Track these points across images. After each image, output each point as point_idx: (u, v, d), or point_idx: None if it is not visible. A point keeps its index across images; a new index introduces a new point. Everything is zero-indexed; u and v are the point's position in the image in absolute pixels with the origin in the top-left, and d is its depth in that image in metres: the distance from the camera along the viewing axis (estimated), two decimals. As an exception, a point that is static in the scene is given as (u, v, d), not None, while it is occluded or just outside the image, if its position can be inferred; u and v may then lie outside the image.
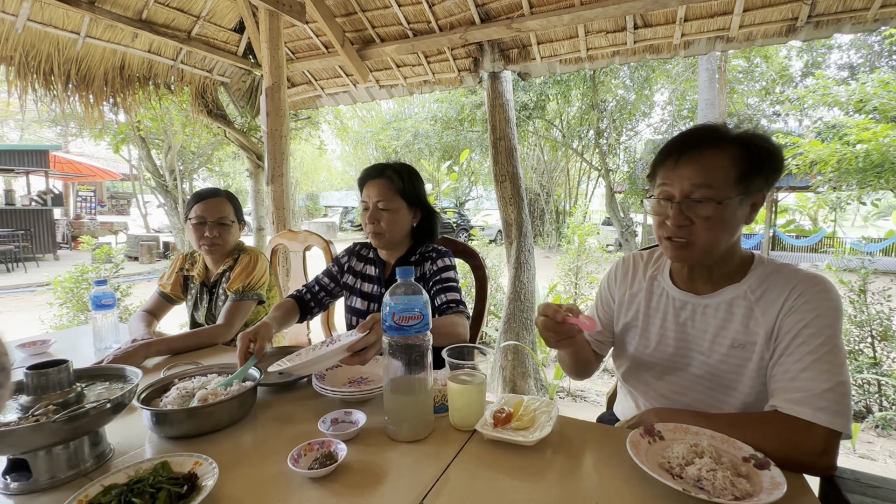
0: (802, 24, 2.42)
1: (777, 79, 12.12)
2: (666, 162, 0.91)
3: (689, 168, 0.87)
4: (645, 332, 1.04)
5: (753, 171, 0.85)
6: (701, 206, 0.86)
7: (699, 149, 0.87)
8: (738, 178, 0.85)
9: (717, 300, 0.94)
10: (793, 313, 0.84)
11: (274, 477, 0.76)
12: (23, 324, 5.18)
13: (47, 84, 2.77)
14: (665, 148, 0.93)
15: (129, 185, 17.36)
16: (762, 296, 0.89)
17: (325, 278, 1.57)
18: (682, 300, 0.99)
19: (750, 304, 0.90)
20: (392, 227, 1.38)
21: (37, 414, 0.75)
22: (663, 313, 1.02)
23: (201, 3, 3.07)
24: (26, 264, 9.21)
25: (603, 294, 1.17)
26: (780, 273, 0.90)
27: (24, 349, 1.41)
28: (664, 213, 0.91)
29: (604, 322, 1.16)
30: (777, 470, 0.68)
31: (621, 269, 1.14)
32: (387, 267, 1.49)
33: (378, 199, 1.36)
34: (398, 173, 1.39)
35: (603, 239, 12.59)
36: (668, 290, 1.02)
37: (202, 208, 1.65)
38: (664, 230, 0.92)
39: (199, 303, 1.77)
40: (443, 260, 1.41)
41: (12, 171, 11.43)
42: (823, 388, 0.76)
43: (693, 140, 0.89)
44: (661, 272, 1.06)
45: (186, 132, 7.67)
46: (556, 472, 0.77)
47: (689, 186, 0.87)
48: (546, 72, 3.20)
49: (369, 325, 0.98)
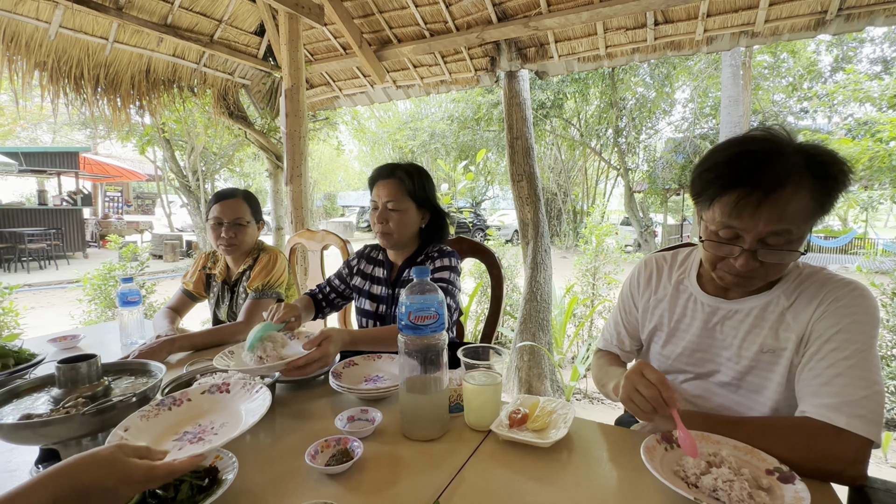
0: (832, 16, 2.34)
1: (805, 74, 11.74)
2: (735, 198, 0.78)
3: (768, 212, 0.76)
4: (671, 337, 1.02)
5: (831, 202, 0.78)
6: (778, 253, 0.79)
7: (778, 189, 0.75)
8: (816, 210, 0.78)
9: (748, 305, 0.91)
10: (826, 318, 0.81)
11: (292, 472, 0.77)
12: (54, 319, 5.39)
13: (78, 88, 2.88)
14: (727, 173, 0.79)
15: (154, 186, 17.87)
16: (795, 301, 0.86)
17: (335, 281, 1.59)
18: (712, 305, 0.95)
19: (783, 310, 0.87)
20: (401, 228, 1.38)
21: (67, 406, 0.78)
22: (691, 318, 0.99)
23: (223, 8, 3.14)
24: (57, 262, 9.58)
25: (626, 301, 1.13)
26: (815, 277, 0.87)
27: (55, 343, 1.47)
28: (726, 253, 0.83)
29: (629, 331, 1.13)
30: (802, 484, 0.66)
31: (644, 274, 1.10)
32: (394, 268, 1.49)
33: (388, 200, 1.36)
34: (409, 174, 1.38)
35: (621, 239, 12.42)
36: (696, 295, 0.99)
37: (219, 209, 1.68)
38: (724, 266, 0.85)
39: (221, 300, 1.82)
40: (442, 260, 1.38)
41: (45, 173, 11.91)
42: (860, 396, 0.74)
43: (768, 172, 0.76)
44: (688, 276, 1.02)
45: (209, 133, 7.86)
46: (571, 474, 0.76)
47: (766, 232, 0.78)
48: (564, 70, 3.17)
49: (317, 341, 1.04)
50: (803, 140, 0.81)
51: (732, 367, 0.92)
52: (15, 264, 8.79)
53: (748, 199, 0.76)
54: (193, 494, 0.67)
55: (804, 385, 0.81)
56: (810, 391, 0.79)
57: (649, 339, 1.08)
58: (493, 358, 0.95)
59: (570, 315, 4.11)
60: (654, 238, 12.84)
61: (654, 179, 12.45)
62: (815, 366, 0.80)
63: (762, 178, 0.76)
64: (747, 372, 0.90)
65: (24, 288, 7.10)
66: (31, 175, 11.83)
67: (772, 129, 0.81)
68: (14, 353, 1.16)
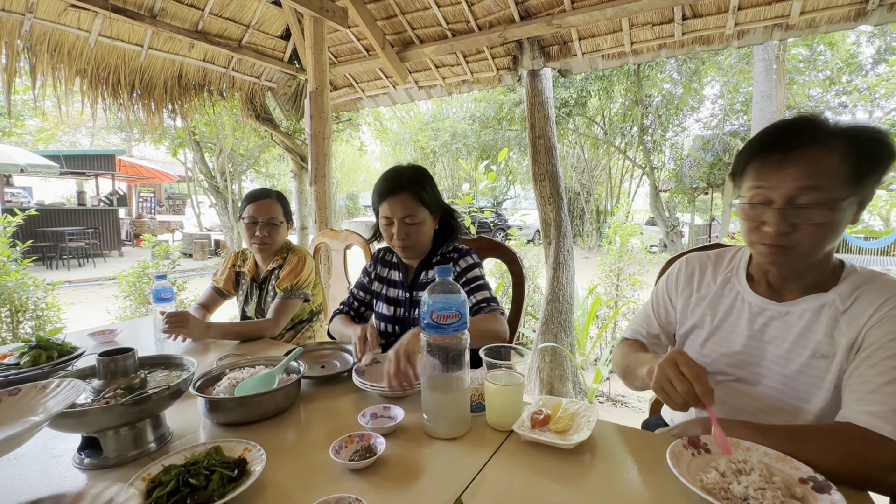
0: (874, 6, 2.23)
1: (844, 67, 11.20)
2: (762, 160, 0.81)
3: (795, 168, 0.77)
4: (712, 337, 0.98)
5: (867, 168, 0.77)
6: (810, 212, 0.77)
7: (805, 146, 0.77)
8: (851, 176, 0.76)
9: (800, 308, 0.87)
10: (882, 325, 0.78)
11: (316, 466, 0.79)
12: (92, 314, 5.65)
13: (115, 93, 3.01)
14: (757, 143, 0.83)
15: (185, 187, 18.49)
16: (851, 305, 0.82)
17: (360, 293, 1.57)
18: (760, 306, 0.92)
19: (836, 314, 0.83)
20: (420, 238, 1.37)
21: (107, 397, 0.82)
22: (736, 318, 0.95)
23: (251, 13, 3.23)
24: (95, 260, 10.05)
25: (661, 296, 1.11)
26: (874, 282, 0.83)
27: (94, 337, 1.55)
28: (759, 219, 0.82)
29: (661, 323, 1.10)
30: (839, 495, 0.62)
31: (685, 272, 1.07)
32: (409, 270, 1.48)
33: (405, 215, 1.33)
34: (418, 184, 1.35)
35: (646, 240, 12.13)
36: (743, 295, 0.96)
37: (254, 209, 1.74)
38: (759, 236, 0.84)
39: (249, 297, 1.88)
40: (465, 259, 1.38)
41: (84, 175, 12.49)
42: None
43: (796, 134, 0.79)
44: (737, 274, 0.99)
45: (236, 136, 8.09)
46: (594, 477, 0.75)
47: (795, 189, 0.77)
48: (587, 68, 3.12)
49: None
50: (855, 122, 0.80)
51: (778, 372, 0.88)
52: (56, 262, 9.26)
53: (771, 157, 0.80)
54: (224, 484, 0.69)
55: (850, 391, 0.78)
56: (856, 397, 0.76)
57: (685, 337, 1.04)
58: (514, 358, 0.95)
59: (592, 316, 4.04)
60: (681, 238, 12.48)
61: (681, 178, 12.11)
62: (864, 371, 0.77)
63: (786, 140, 0.79)
64: (795, 378, 0.86)
65: (65, 284, 7.48)
66: (71, 177, 12.43)
67: (815, 113, 0.82)
68: (57, 346, 1.23)
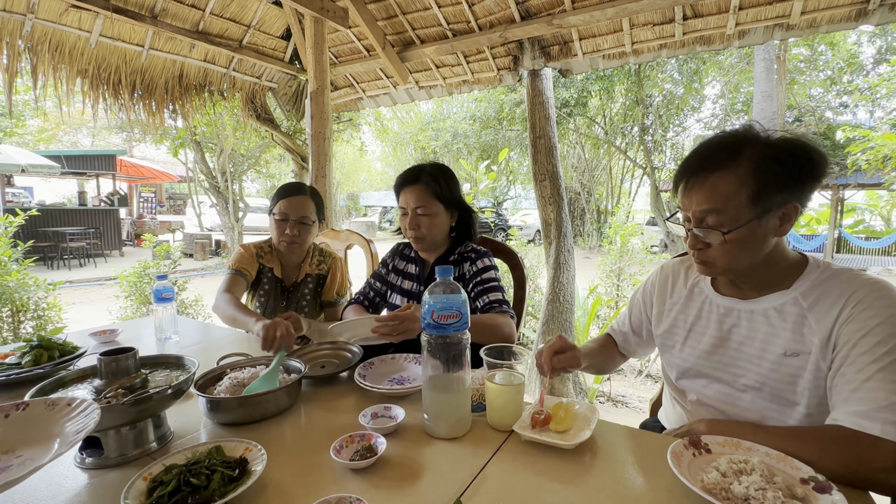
0: (875, 6, 2.23)
1: (845, 67, 11.19)
2: (683, 182, 0.89)
3: (699, 192, 0.86)
4: (687, 340, 1.01)
5: (772, 188, 0.80)
6: (713, 234, 0.85)
7: (706, 171, 0.85)
8: (752, 198, 0.81)
9: (763, 306, 0.90)
10: (851, 322, 0.78)
11: (317, 466, 0.79)
12: (93, 314, 5.65)
13: (116, 94, 3.02)
14: (682, 165, 0.91)
15: (185, 187, 18.50)
16: (816, 302, 0.84)
17: (377, 283, 1.59)
18: (727, 307, 0.95)
19: (802, 311, 0.85)
20: (432, 231, 1.40)
21: (108, 396, 0.82)
22: (706, 321, 0.99)
23: (252, 13, 3.23)
24: (96, 260, 10.05)
25: (636, 302, 1.17)
26: (837, 279, 0.84)
27: (95, 337, 1.55)
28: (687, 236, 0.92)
29: (634, 327, 1.16)
30: (840, 495, 0.62)
31: (659, 278, 1.12)
32: (426, 265, 1.51)
33: (417, 206, 1.38)
34: (434, 177, 1.39)
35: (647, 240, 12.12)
36: (710, 297, 0.99)
37: (286, 205, 1.64)
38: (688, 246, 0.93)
39: (271, 298, 1.75)
40: (482, 260, 1.41)
41: (85, 175, 12.50)
42: (893, 401, 0.71)
43: (700, 160, 0.87)
44: (703, 278, 1.03)
45: (237, 136, 8.09)
46: (595, 477, 0.75)
47: (700, 212, 0.86)
48: (588, 68, 3.12)
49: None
50: (785, 134, 0.84)
51: (755, 371, 0.89)
52: (57, 262, 9.26)
53: (686, 180, 0.88)
54: (224, 484, 0.69)
55: (836, 392, 0.79)
56: (841, 398, 0.77)
57: (664, 343, 1.07)
58: (515, 358, 0.95)
59: (593, 316, 4.04)
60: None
61: (682, 178, 12.07)
62: (845, 371, 0.78)
63: (700, 163, 0.87)
64: (771, 376, 0.87)
65: (66, 284, 7.48)
66: (72, 177, 12.44)
67: (749, 125, 0.87)
68: (59, 346, 1.23)
